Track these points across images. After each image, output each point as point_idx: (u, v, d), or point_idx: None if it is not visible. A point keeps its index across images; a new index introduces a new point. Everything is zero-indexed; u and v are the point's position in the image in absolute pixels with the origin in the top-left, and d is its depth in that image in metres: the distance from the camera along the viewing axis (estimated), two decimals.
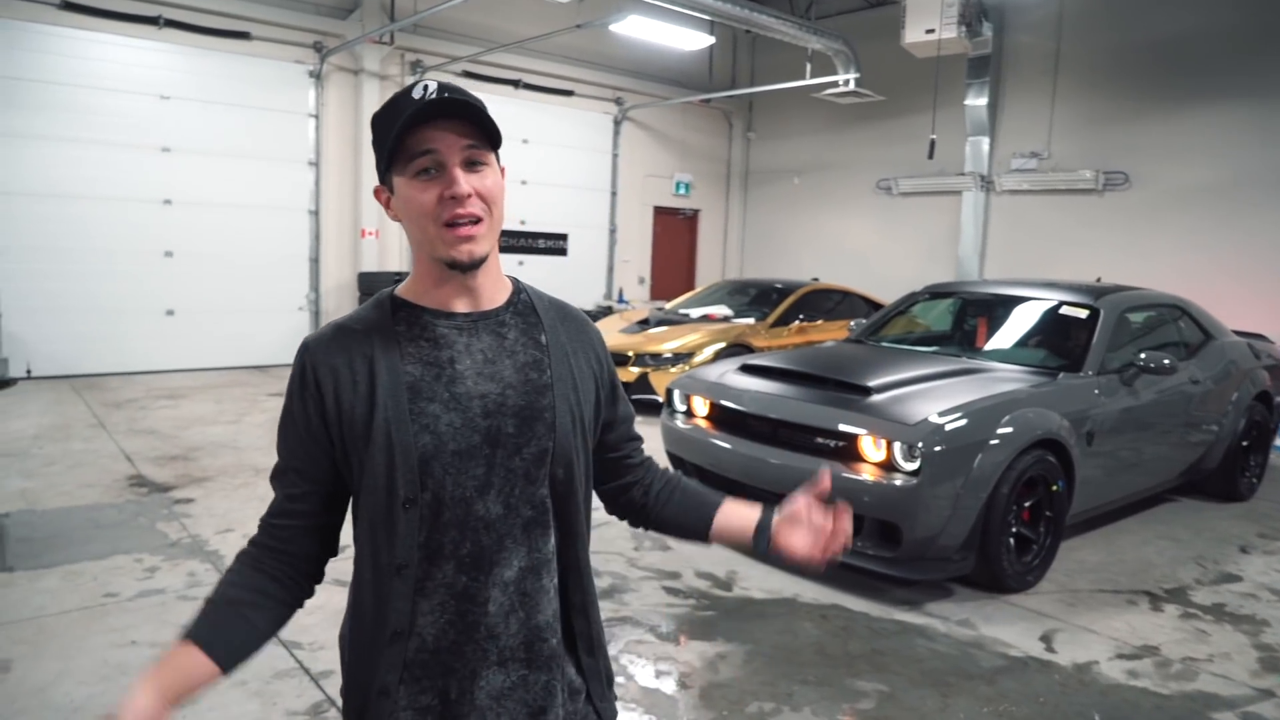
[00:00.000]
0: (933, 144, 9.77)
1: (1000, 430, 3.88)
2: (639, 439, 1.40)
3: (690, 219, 14.32)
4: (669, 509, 1.36)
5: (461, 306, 1.17)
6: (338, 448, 1.14)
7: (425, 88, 1.08)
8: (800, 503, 1.25)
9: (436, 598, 1.12)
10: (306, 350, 1.16)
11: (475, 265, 1.13)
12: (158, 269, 9.21)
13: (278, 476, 1.19)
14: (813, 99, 11.17)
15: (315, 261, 10.36)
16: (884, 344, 5.60)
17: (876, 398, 4.16)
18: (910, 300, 6.03)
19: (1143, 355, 4.66)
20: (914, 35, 9.68)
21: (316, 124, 10.12)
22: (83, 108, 8.57)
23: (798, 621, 3.71)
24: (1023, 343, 5.22)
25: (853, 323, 6.43)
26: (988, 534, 3.87)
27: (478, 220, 1.10)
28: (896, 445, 3.78)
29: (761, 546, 1.27)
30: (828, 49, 9.88)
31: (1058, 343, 5.01)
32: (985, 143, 10.81)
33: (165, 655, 1.09)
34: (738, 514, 1.32)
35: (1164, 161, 9.37)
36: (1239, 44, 8.79)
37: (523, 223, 11.95)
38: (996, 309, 5.58)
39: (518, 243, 11.95)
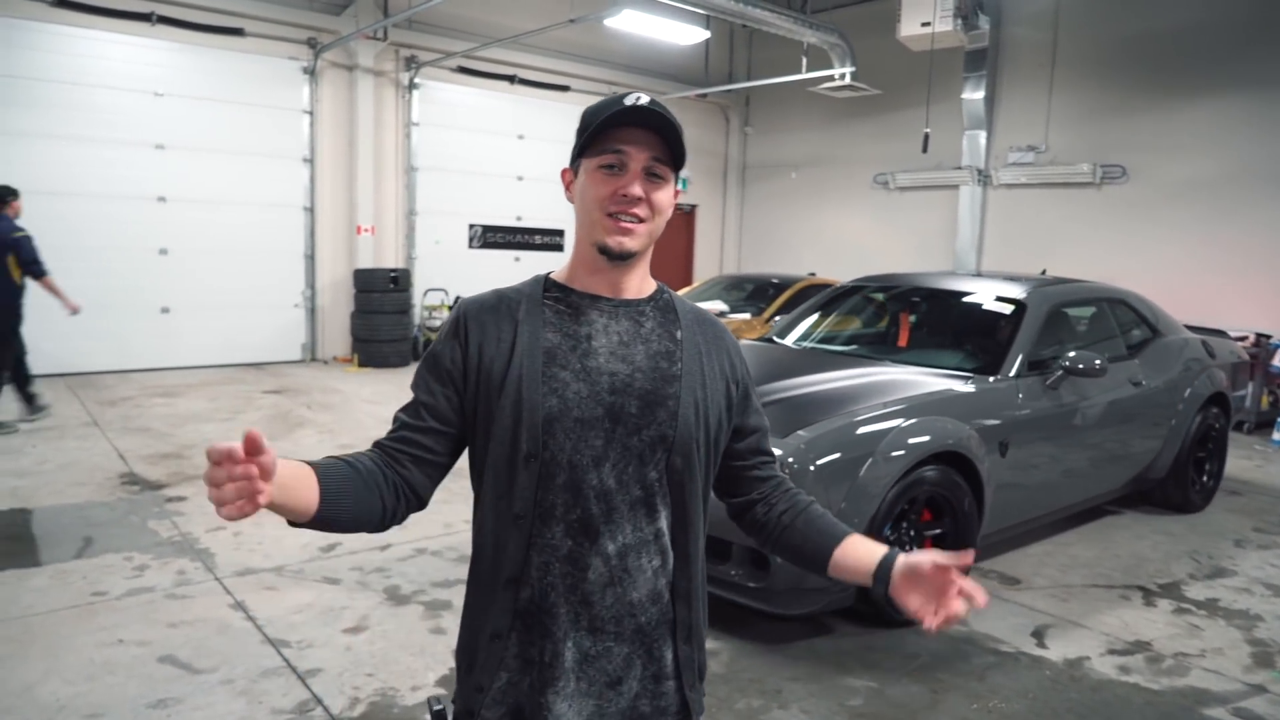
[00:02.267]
0: (926, 137, 9.74)
1: (884, 444, 3.44)
2: (769, 454, 1.42)
3: (687, 214, 14.28)
4: (791, 534, 1.36)
5: (607, 292, 1.26)
6: (469, 395, 1.23)
7: (638, 98, 1.19)
8: (927, 559, 1.21)
9: (544, 555, 1.20)
10: (464, 305, 1.28)
11: (624, 257, 1.21)
12: (152, 266, 9.19)
13: (406, 409, 1.26)
14: (809, 93, 11.12)
15: (310, 258, 10.33)
16: (798, 344, 5.03)
17: None
18: (835, 295, 5.43)
19: (1070, 355, 4.22)
20: (910, 29, 9.64)
21: (311, 120, 10.09)
22: (76, 105, 8.54)
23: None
24: (946, 342, 4.84)
25: (777, 318, 6.16)
26: None
27: (640, 220, 1.20)
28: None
29: (879, 591, 1.25)
30: (823, 43, 9.84)
31: (983, 341, 4.57)
32: (982, 136, 10.77)
33: (284, 460, 1.04)
34: (860, 551, 1.29)
35: (1162, 154, 9.33)
36: (1237, 36, 8.75)
37: (519, 218, 11.92)
38: (923, 305, 5.18)
39: (514, 238, 11.93)
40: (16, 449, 5.91)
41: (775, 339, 5.19)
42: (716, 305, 8.86)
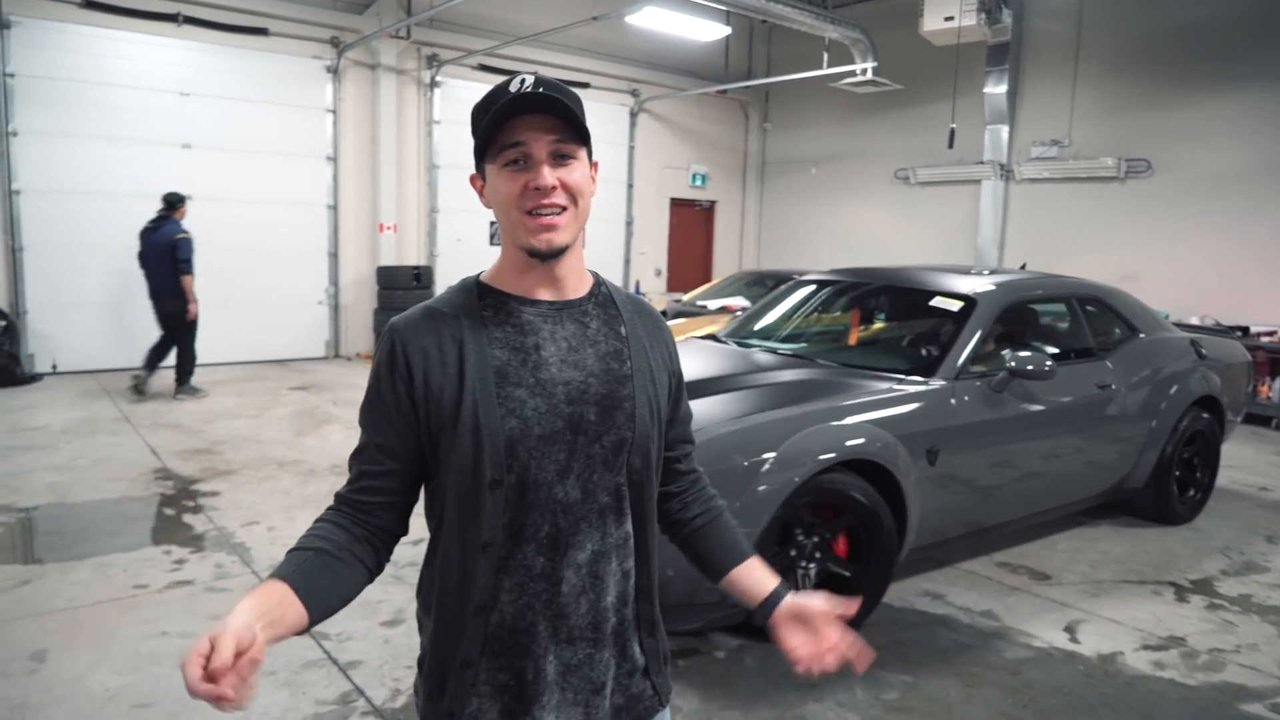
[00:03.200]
0: (953, 133, 9.69)
1: (783, 452, 3.20)
2: (691, 442, 1.42)
3: (707, 210, 14.28)
4: (697, 539, 1.38)
5: (545, 295, 1.21)
6: (423, 427, 1.17)
7: (522, 81, 1.12)
8: (816, 607, 1.25)
9: (517, 577, 1.17)
10: (395, 331, 1.19)
11: (555, 254, 1.16)
12: None
13: (361, 453, 1.21)
14: (829, 89, 11.09)
15: (334, 256, 10.42)
16: (741, 344, 4.66)
17: None
18: (789, 290, 5.11)
19: (1015, 356, 3.89)
20: (933, 23, 9.60)
21: (334, 119, 10.17)
22: (104, 105, 8.66)
23: None
24: (894, 341, 4.62)
25: (738, 310, 5.87)
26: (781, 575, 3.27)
27: (561, 210, 1.13)
28: None
29: (759, 619, 1.30)
30: (845, 38, 9.81)
31: (930, 341, 4.27)
32: (1005, 131, 10.71)
33: (260, 588, 1.06)
34: (754, 577, 1.33)
35: (1188, 148, 9.24)
36: (1263, 28, 8.65)
37: None
38: (876, 302, 4.94)
39: None
40: (51, 444, 6.01)
41: (720, 338, 4.84)
42: (739, 302, 8.87)
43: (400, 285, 10.29)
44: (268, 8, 9.45)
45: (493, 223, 11.58)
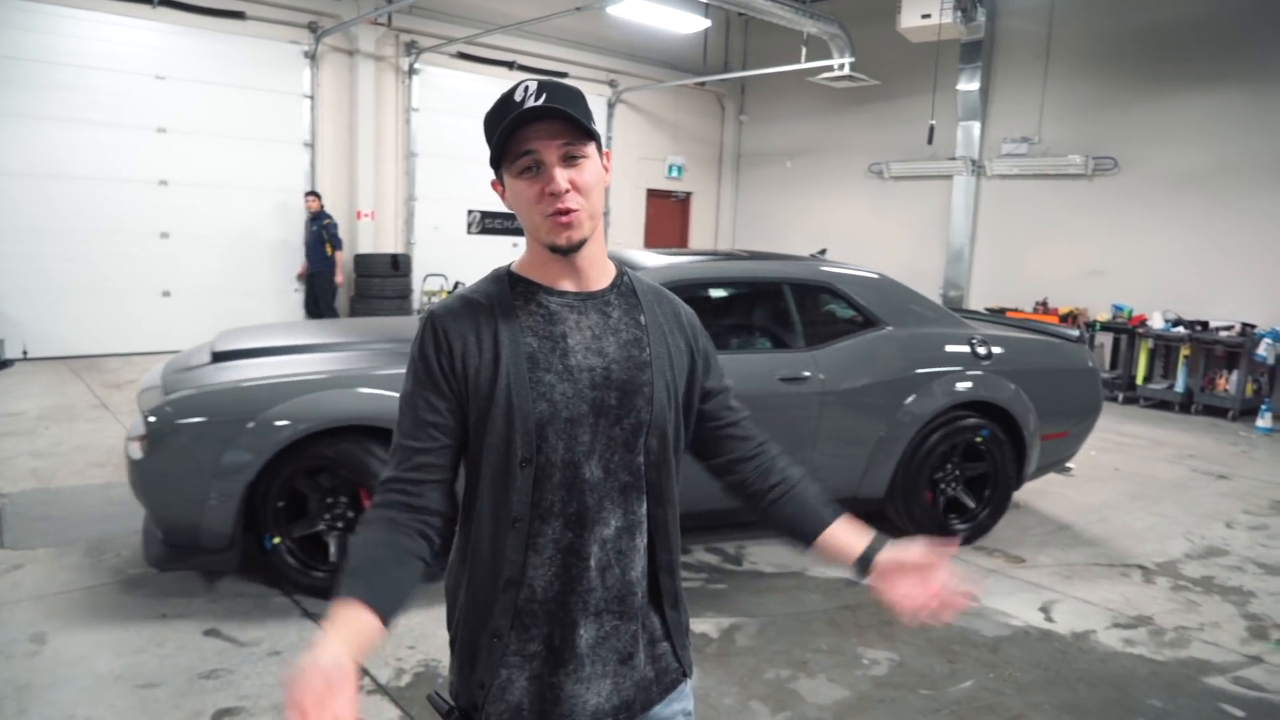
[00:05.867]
0: (932, 129, 9.89)
1: (267, 414, 3.26)
2: (741, 410, 1.45)
3: (683, 202, 14.37)
4: (783, 509, 1.40)
5: (569, 285, 1.29)
6: (464, 404, 1.25)
7: (526, 89, 1.19)
8: (917, 555, 1.28)
9: (546, 552, 1.25)
10: (436, 317, 1.27)
11: (575, 249, 1.24)
12: (154, 250, 9.19)
13: (412, 434, 1.25)
14: (806, 82, 11.22)
15: None
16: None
17: (216, 365, 3.76)
18: None
19: None
20: (910, 20, 9.76)
21: (312, 105, 10.08)
22: (78, 87, 8.50)
23: (806, 594, 3.84)
24: None
25: None
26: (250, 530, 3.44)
27: (574, 209, 1.21)
28: (139, 416, 3.38)
29: (858, 574, 1.34)
30: (823, 33, 9.94)
31: None
32: (977, 127, 10.92)
33: (336, 614, 1.12)
34: (847, 534, 1.37)
35: (1154, 146, 9.51)
36: (1230, 29, 8.92)
37: None
38: None
39: (512, 224, 11.95)
40: (30, 430, 5.95)
41: None
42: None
43: (378, 273, 10.25)
44: None
45: (470, 211, 11.59)
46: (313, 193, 9.60)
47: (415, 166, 11.01)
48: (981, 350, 4.45)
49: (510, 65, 11.53)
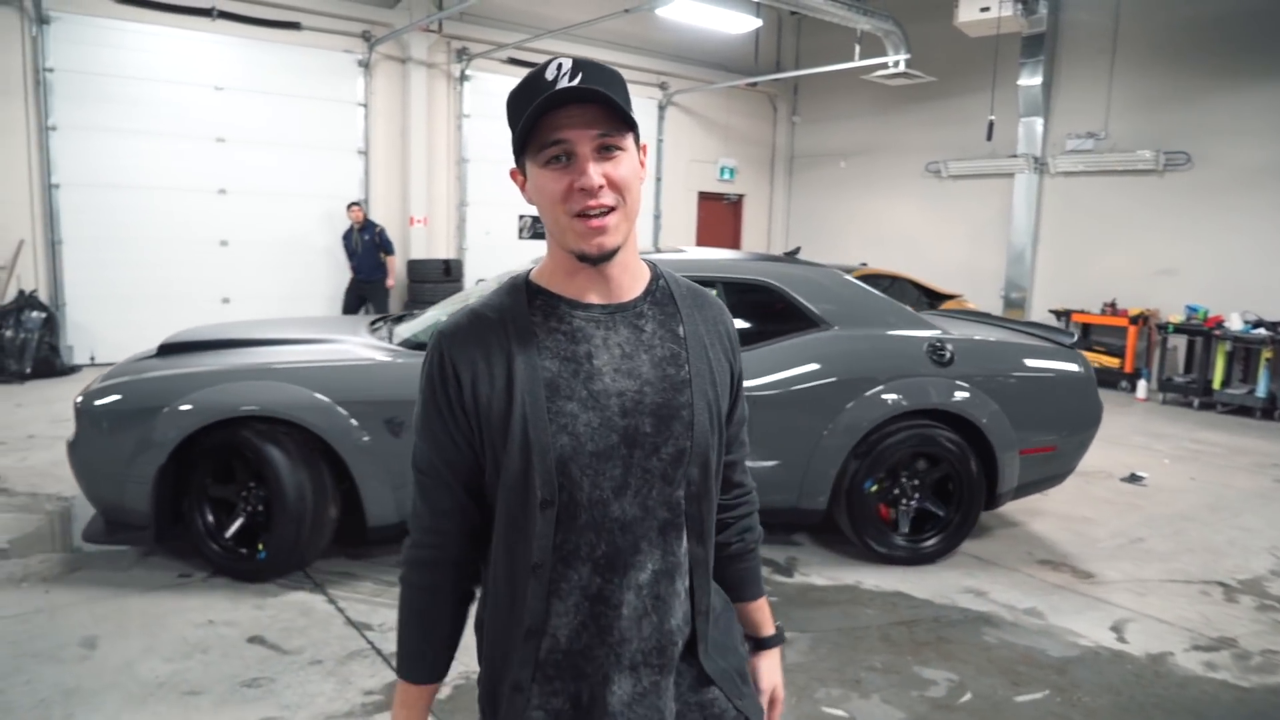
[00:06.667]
0: (991, 125, 9.59)
1: (176, 401, 3.57)
2: (744, 446, 1.32)
3: (735, 204, 14.22)
4: (724, 565, 1.32)
5: (596, 298, 1.13)
6: (476, 437, 1.12)
7: (559, 67, 1.04)
8: (766, 688, 1.37)
9: (571, 599, 1.10)
10: (443, 339, 1.13)
11: (606, 258, 1.08)
12: (214, 258, 9.41)
13: (427, 477, 1.16)
14: (858, 81, 11.00)
15: None
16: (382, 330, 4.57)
17: (159, 358, 4.06)
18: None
19: None
20: (968, 14, 9.48)
21: (365, 113, 10.22)
22: (141, 99, 8.76)
23: (861, 608, 3.69)
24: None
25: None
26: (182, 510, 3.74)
27: (609, 210, 1.05)
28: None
29: (749, 650, 1.38)
30: (877, 30, 9.71)
31: None
32: (1039, 123, 10.56)
33: (402, 698, 1.20)
34: (756, 618, 1.38)
35: (1228, 140, 9.06)
36: None
37: None
38: None
39: None
40: None
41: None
42: None
43: (430, 278, 10.35)
44: (300, 2, 9.51)
45: (521, 216, 11.61)
46: (356, 203, 9.60)
47: (467, 172, 11.09)
48: (942, 354, 4.10)
49: None
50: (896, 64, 9.91)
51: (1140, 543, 4.58)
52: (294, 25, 9.58)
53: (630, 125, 1.05)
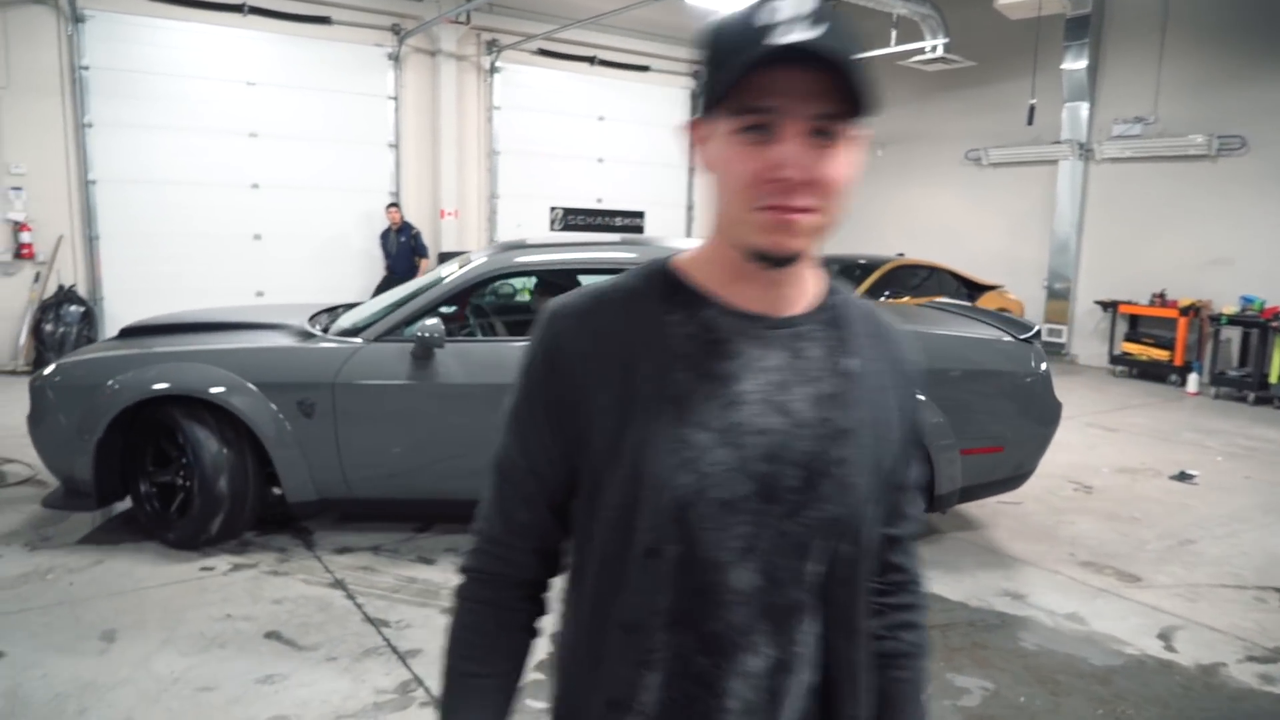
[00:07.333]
0: (1032, 109, 9.31)
1: (110, 383, 3.84)
2: (911, 522, 1.04)
3: None
4: (884, 683, 1.02)
5: (756, 306, 0.88)
6: (574, 447, 0.89)
7: (776, 11, 0.77)
8: None
9: (666, 674, 0.88)
10: (557, 320, 0.90)
11: (784, 262, 0.83)
12: (248, 251, 9.49)
13: (506, 484, 0.94)
14: (896, 67, 10.71)
15: None
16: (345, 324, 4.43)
17: (118, 340, 4.37)
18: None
19: (425, 325, 3.78)
20: None
21: (396, 106, 10.23)
22: (174, 96, 8.86)
23: None
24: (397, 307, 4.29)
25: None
26: (126, 480, 4.01)
27: (807, 209, 0.80)
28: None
29: None
30: (914, 14, 9.46)
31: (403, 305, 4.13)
32: (1084, 108, 10.21)
33: None
34: None
35: None
36: None
37: (599, 201, 11.89)
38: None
39: (595, 221, 11.90)
40: None
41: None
42: None
43: None
44: None
45: (553, 208, 11.55)
46: (394, 204, 9.67)
47: (497, 164, 11.06)
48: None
49: (591, 60, 11.45)
50: (934, 49, 9.63)
51: (1190, 545, 4.37)
52: (324, 20, 9.61)
53: (863, 109, 0.78)
